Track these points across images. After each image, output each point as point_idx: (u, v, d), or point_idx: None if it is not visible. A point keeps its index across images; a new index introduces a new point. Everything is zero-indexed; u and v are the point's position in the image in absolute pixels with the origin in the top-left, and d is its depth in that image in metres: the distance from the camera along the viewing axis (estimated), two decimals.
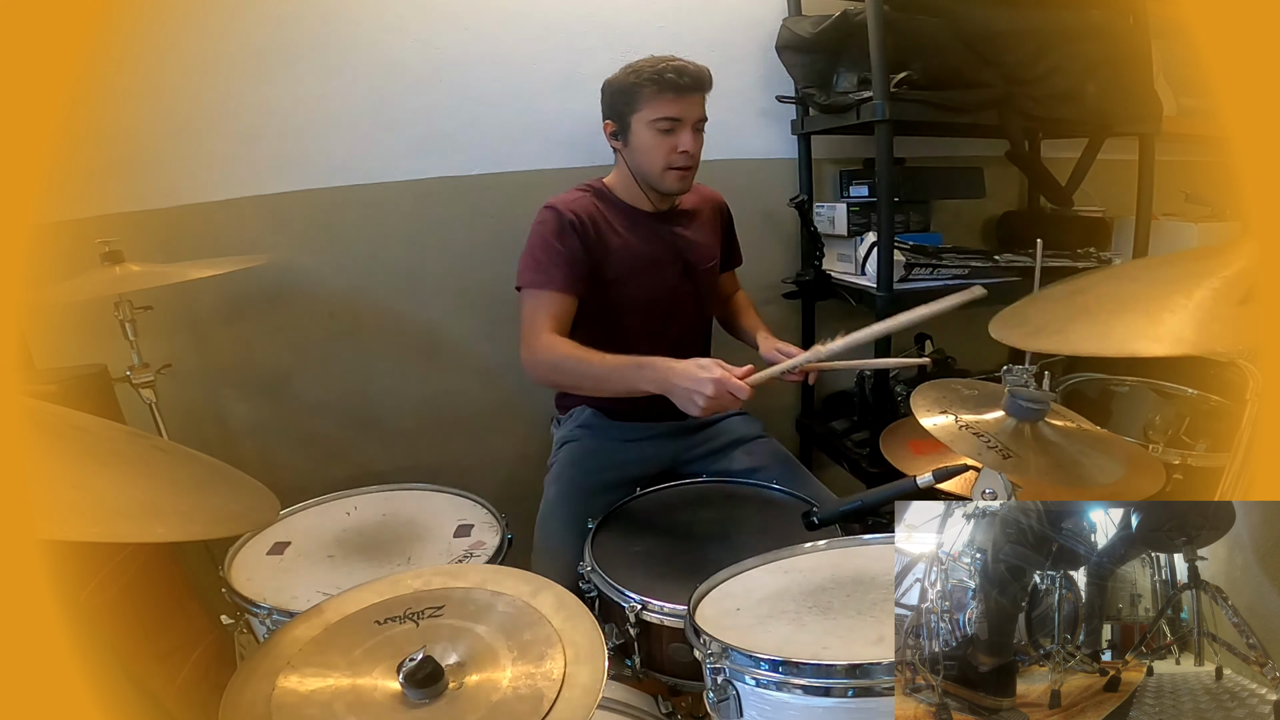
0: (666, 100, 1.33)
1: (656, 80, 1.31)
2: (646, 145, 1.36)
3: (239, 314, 1.67)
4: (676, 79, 1.31)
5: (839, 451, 1.88)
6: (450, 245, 1.75)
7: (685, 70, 1.32)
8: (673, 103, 1.33)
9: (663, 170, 1.37)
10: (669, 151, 1.36)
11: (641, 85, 1.33)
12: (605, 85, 1.40)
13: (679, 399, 1.14)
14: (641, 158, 1.38)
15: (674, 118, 1.34)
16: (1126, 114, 1.76)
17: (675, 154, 1.36)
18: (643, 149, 1.37)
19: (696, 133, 1.37)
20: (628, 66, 1.36)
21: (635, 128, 1.36)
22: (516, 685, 0.67)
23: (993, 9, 1.59)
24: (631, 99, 1.34)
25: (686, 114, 1.34)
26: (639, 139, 1.37)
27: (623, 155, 1.42)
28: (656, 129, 1.34)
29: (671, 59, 1.34)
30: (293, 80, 1.59)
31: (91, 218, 1.48)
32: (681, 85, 1.32)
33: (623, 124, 1.38)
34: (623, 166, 1.43)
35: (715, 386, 1.10)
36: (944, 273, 1.73)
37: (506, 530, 1.18)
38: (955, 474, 0.95)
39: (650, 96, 1.33)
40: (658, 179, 1.39)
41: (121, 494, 0.57)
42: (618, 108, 1.37)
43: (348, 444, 1.80)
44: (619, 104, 1.37)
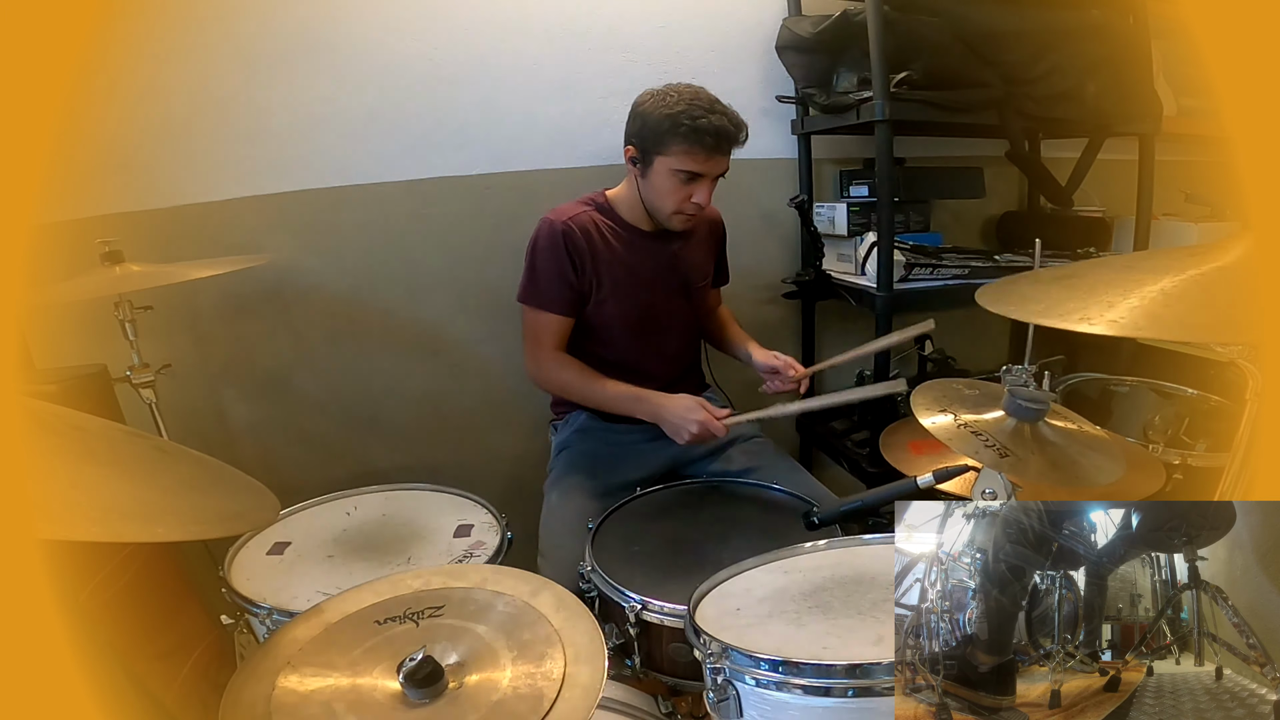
0: (695, 157, 1.30)
1: (692, 135, 1.28)
2: (662, 188, 1.35)
3: (239, 314, 1.67)
4: (714, 141, 1.29)
5: (839, 451, 1.88)
6: (450, 245, 1.75)
7: (723, 132, 1.29)
8: (700, 160, 1.31)
9: (671, 213, 1.37)
10: (683, 199, 1.35)
11: (675, 134, 1.28)
12: (637, 109, 1.35)
13: (669, 431, 1.34)
14: (654, 195, 1.37)
15: (697, 173, 1.32)
16: (1126, 114, 1.77)
17: (688, 203, 1.36)
18: (658, 190, 1.35)
19: (713, 183, 1.36)
20: (665, 99, 1.30)
21: (657, 167, 1.33)
22: (516, 685, 0.67)
23: (993, 9, 1.59)
24: (660, 141, 1.30)
25: (710, 170, 1.33)
26: (658, 179, 1.34)
27: (637, 180, 1.39)
28: (677, 178, 1.33)
29: (712, 107, 1.29)
30: (293, 80, 1.59)
31: (91, 218, 1.48)
32: (716, 147, 1.30)
33: (645, 158, 1.34)
34: (633, 187, 1.42)
35: (699, 427, 1.29)
36: (944, 273, 1.73)
37: (506, 530, 1.18)
38: (955, 474, 0.95)
39: (680, 149, 1.29)
40: (664, 219, 1.40)
41: (121, 494, 0.57)
42: (644, 141, 1.33)
43: (348, 443, 1.80)
44: (647, 138, 1.32)
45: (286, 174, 1.62)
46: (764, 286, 1.97)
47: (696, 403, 1.32)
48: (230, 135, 1.58)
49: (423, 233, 1.73)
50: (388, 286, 1.74)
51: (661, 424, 1.34)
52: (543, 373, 1.43)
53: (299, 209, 1.64)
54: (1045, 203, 2.05)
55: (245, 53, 1.55)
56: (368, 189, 1.68)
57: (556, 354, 1.41)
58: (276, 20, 1.56)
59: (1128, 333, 0.64)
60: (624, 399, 1.38)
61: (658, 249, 1.45)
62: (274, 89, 1.58)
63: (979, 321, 2.27)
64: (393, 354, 1.78)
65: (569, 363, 1.42)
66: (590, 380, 1.40)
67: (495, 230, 1.74)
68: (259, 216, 1.62)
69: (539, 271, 1.38)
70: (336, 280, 1.70)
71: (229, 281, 1.50)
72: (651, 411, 1.35)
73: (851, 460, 1.80)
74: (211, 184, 1.59)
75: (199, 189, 1.58)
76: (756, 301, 1.96)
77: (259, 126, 1.59)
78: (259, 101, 1.58)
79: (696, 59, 1.81)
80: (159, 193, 1.55)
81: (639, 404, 1.36)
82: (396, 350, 1.78)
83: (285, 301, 1.68)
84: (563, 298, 1.38)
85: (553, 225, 1.37)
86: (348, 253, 1.70)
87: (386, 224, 1.71)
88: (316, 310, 1.71)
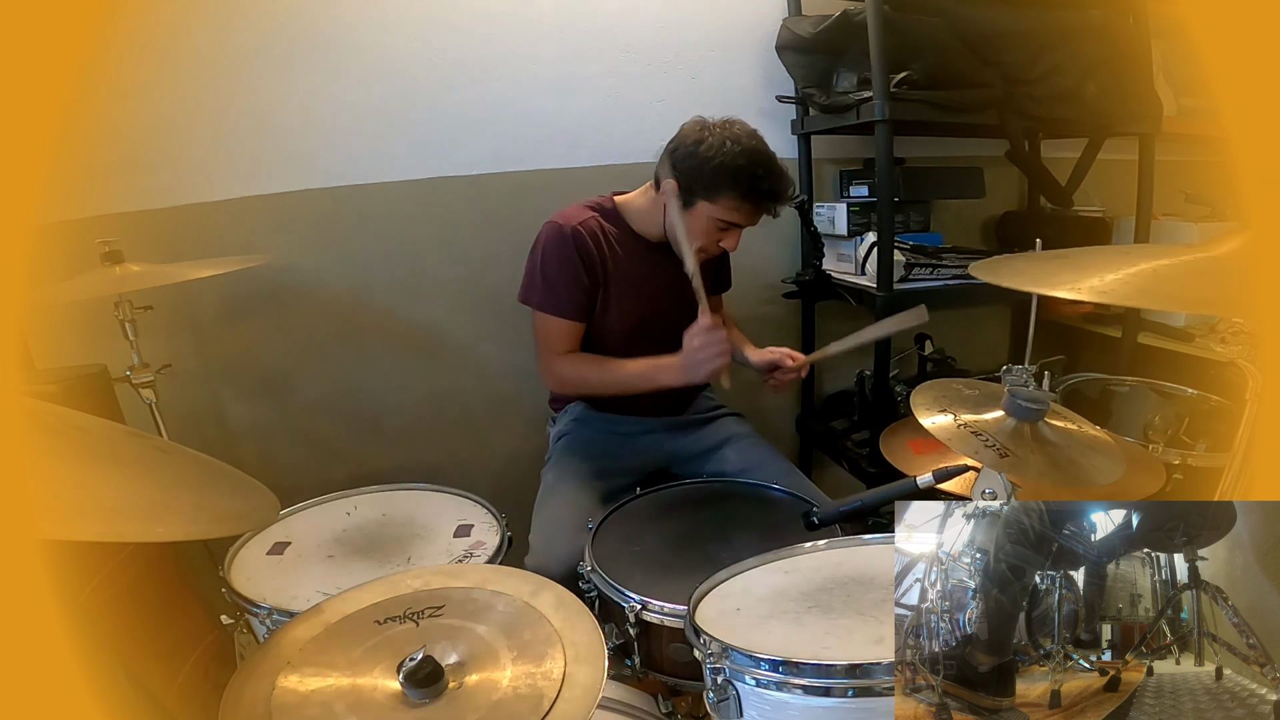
0: (743, 212, 1.30)
1: (750, 196, 1.27)
2: (696, 229, 1.32)
3: (239, 314, 1.67)
4: (769, 203, 1.30)
5: (839, 451, 1.88)
6: (450, 245, 1.75)
7: (779, 195, 1.29)
8: (746, 215, 1.31)
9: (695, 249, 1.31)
10: (712, 243, 1.35)
11: (733, 190, 1.27)
12: (691, 144, 1.29)
13: (696, 375, 1.26)
14: (684, 231, 1.27)
15: (738, 224, 1.32)
16: (1126, 114, 1.77)
17: (715, 246, 1.36)
18: (691, 229, 1.29)
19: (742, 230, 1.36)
20: (723, 142, 1.27)
21: (699, 210, 1.31)
22: (516, 685, 0.67)
23: (993, 9, 1.59)
24: (714, 189, 1.28)
25: (749, 223, 1.34)
26: (695, 220, 1.32)
27: (666, 204, 1.34)
28: (715, 224, 1.32)
29: (769, 163, 1.28)
30: (293, 80, 1.59)
31: (91, 218, 1.48)
32: (767, 209, 1.30)
33: (689, 197, 1.31)
34: (655, 204, 1.39)
35: (701, 340, 1.22)
36: (944, 273, 1.73)
37: (506, 530, 1.18)
38: (955, 474, 0.95)
39: (730, 202, 1.28)
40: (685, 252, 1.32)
41: (121, 494, 0.57)
42: (695, 181, 1.29)
43: (348, 444, 1.80)
44: (698, 180, 1.29)
45: (286, 174, 1.62)
46: (764, 286, 1.96)
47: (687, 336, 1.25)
48: (230, 135, 1.58)
49: (423, 232, 1.73)
50: (387, 286, 1.74)
51: (689, 373, 1.27)
52: (559, 376, 1.42)
53: (299, 209, 1.64)
54: (1045, 203, 2.05)
55: (245, 52, 1.55)
56: (368, 189, 1.68)
57: (570, 355, 1.41)
58: (276, 20, 1.56)
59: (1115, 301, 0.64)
60: (644, 374, 1.34)
61: (663, 260, 1.44)
62: (274, 89, 1.58)
63: (979, 321, 2.27)
64: (393, 354, 1.78)
65: (582, 358, 1.42)
66: (607, 368, 1.39)
67: (495, 230, 1.74)
68: (259, 216, 1.62)
69: (552, 277, 1.37)
70: (336, 280, 1.71)
71: (229, 281, 1.50)
72: (673, 375, 1.30)
73: (851, 460, 1.80)
74: (211, 184, 1.59)
75: (199, 189, 1.58)
76: (756, 301, 1.96)
77: (259, 126, 1.59)
78: (259, 101, 1.58)
79: (696, 59, 1.81)
80: (159, 193, 1.55)
81: (659, 373, 1.32)
82: (396, 350, 1.78)
83: (285, 301, 1.68)
84: (577, 303, 1.38)
85: (562, 229, 1.36)
86: (347, 253, 1.70)
87: (386, 224, 1.71)
88: (316, 310, 1.71)
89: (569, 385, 1.47)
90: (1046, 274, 0.74)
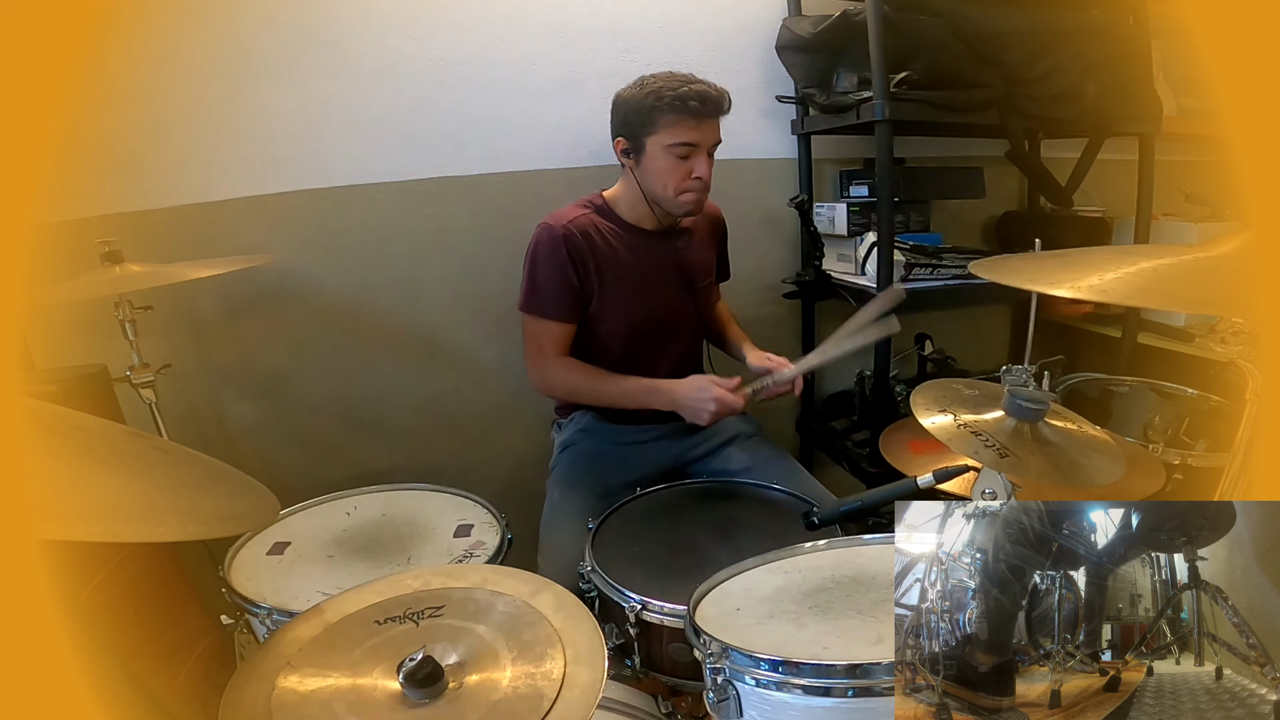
0: (686, 126, 1.29)
1: (677, 106, 1.27)
2: (661, 169, 1.34)
3: (239, 314, 1.67)
4: (699, 106, 1.28)
5: (839, 451, 1.88)
6: (450, 245, 1.75)
7: (707, 96, 1.29)
8: (692, 129, 1.30)
9: (676, 194, 1.36)
10: (684, 176, 1.34)
11: (660, 108, 1.28)
12: (618, 101, 1.35)
13: (688, 415, 1.33)
14: (654, 180, 1.36)
15: (691, 143, 1.31)
16: (1126, 114, 1.76)
17: (690, 179, 1.35)
18: (656, 172, 1.34)
19: (710, 156, 1.36)
20: (643, 84, 1.31)
21: (650, 150, 1.33)
22: (516, 685, 0.67)
23: (993, 9, 1.59)
24: (648, 121, 1.30)
25: (704, 139, 1.33)
26: (653, 161, 1.34)
27: (633, 173, 1.38)
28: (673, 154, 1.32)
29: (690, 79, 1.30)
30: (293, 80, 1.59)
31: (91, 218, 1.48)
32: (702, 112, 1.29)
33: (636, 144, 1.34)
34: (630, 183, 1.41)
35: (717, 404, 1.29)
36: (944, 273, 1.73)
37: (506, 530, 1.18)
38: (955, 474, 0.95)
39: (669, 121, 1.29)
40: (670, 202, 1.37)
41: (121, 494, 0.57)
42: (632, 127, 1.33)
43: (347, 444, 1.80)
44: (633, 123, 1.32)
45: (286, 174, 1.62)
46: (764, 286, 1.96)
47: (708, 380, 1.32)
48: (230, 135, 1.58)
49: (422, 233, 1.73)
50: (387, 286, 1.74)
51: (679, 410, 1.33)
52: (549, 380, 1.43)
53: (299, 209, 1.64)
54: (1045, 203, 2.05)
55: (245, 53, 1.55)
56: (368, 189, 1.68)
57: (560, 360, 1.41)
58: (276, 20, 1.56)
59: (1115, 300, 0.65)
60: (636, 393, 1.37)
61: (660, 248, 1.44)
62: (274, 89, 1.58)
63: (979, 321, 2.27)
64: (392, 354, 1.78)
65: (574, 365, 1.41)
66: (599, 380, 1.39)
67: (495, 230, 1.74)
68: (259, 216, 1.62)
69: (540, 279, 1.37)
70: (336, 280, 1.70)
71: (229, 282, 1.50)
72: (667, 400, 1.34)
73: (851, 460, 1.80)
74: (211, 184, 1.58)
75: (199, 189, 1.58)
76: (757, 301, 1.96)
77: (259, 126, 1.59)
78: (259, 101, 1.58)
79: (696, 59, 1.81)
80: (159, 193, 1.55)
81: (653, 395, 1.36)
82: (396, 350, 1.78)
83: (285, 301, 1.68)
84: (565, 304, 1.38)
85: (552, 230, 1.36)
86: (348, 253, 1.70)
87: (386, 224, 1.71)
88: (316, 310, 1.71)
89: (559, 390, 1.47)
90: (1046, 273, 0.74)
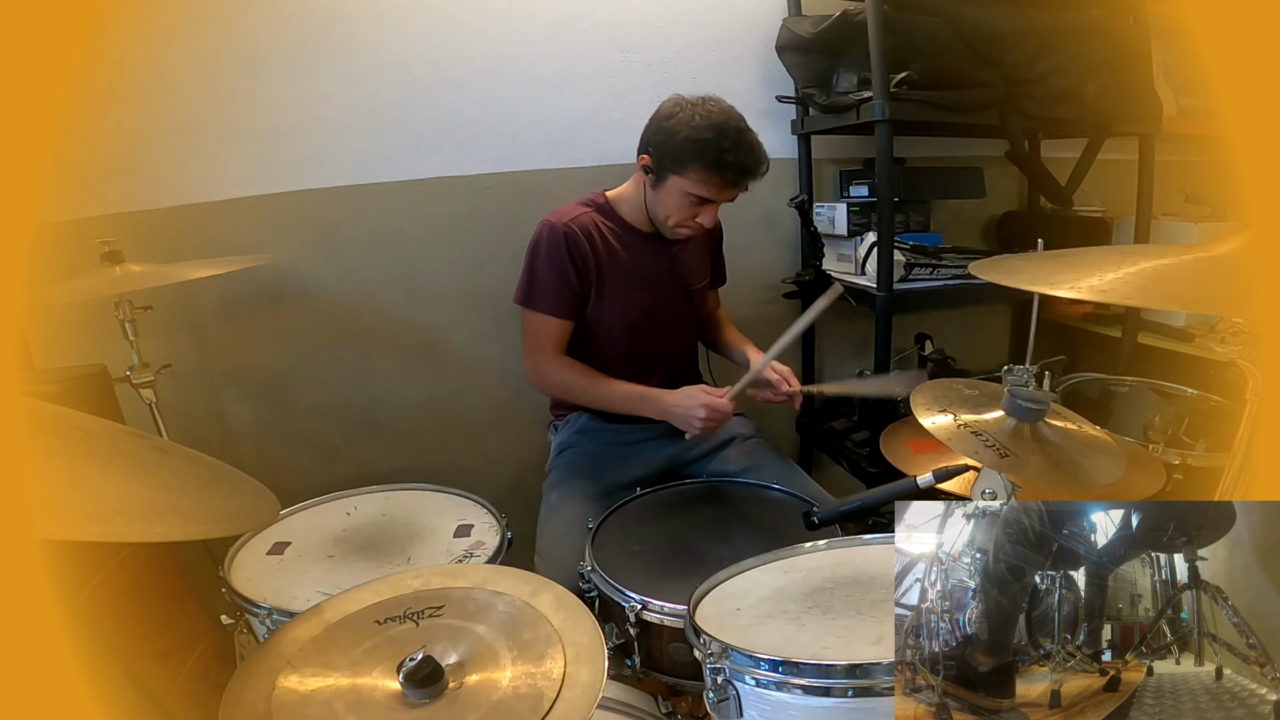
0: (712, 185, 1.29)
1: (712, 166, 1.27)
2: (671, 204, 1.34)
3: (239, 314, 1.67)
4: (734, 178, 1.28)
5: (839, 451, 1.88)
6: (450, 245, 1.75)
7: (745, 169, 1.28)
8: (715, 190, 1.30)
9: (675, 226, 1.37)
10: (688, 219, 1.36)
11: (699, 161, 1.27)
12: (662, 123, 1.31)
13: (679, 425, 1.33)
14: (660, 208, 1.36)
15: (710, 200, 1.32)
16: (1126, 114, 1.76)
17: (692, 222, 1.36)
18: (666, 204, 1.35)
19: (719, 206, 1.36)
20: (692, 116, 1.27)
21: (670, 184, 1.32)
22: (516, 685, 0.67)
23: (993, 9, 1.59)
24: (679, 161, 1.29)
25: (723, 199, 1.34)
26: (667, 195, 1.34)
27: (645, 186, 1.38)
28: (688, 199, 1.32)
29: (738, 137, 1.27)
30: (293, 80, 1.59)
31: (91, 218, 1.48)
32: (736, 183, 1.30)
33: (660, 171, 1.33)
34: (639, 190, 1.41)
35: (707, 411, 1.29)
36: (944, 273, 1.73)
37: (506, 530, 1.18)
38: (955, 474, 0.95)
39: (698, 175, 1.28)
40: (666, 229, 1.40)
41: (121, 494, 0.57)
42: (662, 157, 1.31)
43: (347, 444, 1.80)
44: (666, 155, 1.30)
45: (286, 174, 1.62)
46: (764, 286, 1.96)
47: (699, 389, 1.33)
48: (230, 135, 1.58)
49: (423, 233, 1.73)
50: (387, 286, 1.74)
51: (670, 419, 1.34)
52: (544, 376, 1.43)
53: (299, 209, 1.64)
54: (1045, 203, 2.05)
55: (245, 52, 1.55)
56: (368, 189, 1.68)
57: (557, 357, 1.41)
58: (276, 20, 1.56)
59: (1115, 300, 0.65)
60: (629, 398, 1.38)
61: (658, 250, 1.45)
62: (274, 89, 1.58)
63: (979, 321, 2.27)
64: (392, 354, 1.78)
65: (570, 364, 1.41)
66: (593, 381, 1.40)
67: (495, 230, 1.74)
68: (259, 216, 1.62)
69: (539, 274, 1.38)
70: (336, 280, 1.70)
71: (229, 282, 1.50)
72: (657, 409, 1.35)
73: (851, 460, 1.80)
74: (211, 184, 1.58)
75: (199, 189, 1.58)
76: (756, 301, 1.96)
77: (259, 126, 1.59)
78: (259, 101, 1.58)
79: (696, 59, 1.81)
80: (159, 193, 1.55)
81: (644, 403, 1.36)
82: (396, 350, 1.78)
83: (285, 301, 1.68)
84: (563, 300, 1.38)
85: (554, 227, 1.36)
86: (348, 253, 1.70)
87: (386, 224, 1.71)
88: (316, 310, 1.71)
89: (553, 388, 1.47)
90: (1046, 273, 0.74)
